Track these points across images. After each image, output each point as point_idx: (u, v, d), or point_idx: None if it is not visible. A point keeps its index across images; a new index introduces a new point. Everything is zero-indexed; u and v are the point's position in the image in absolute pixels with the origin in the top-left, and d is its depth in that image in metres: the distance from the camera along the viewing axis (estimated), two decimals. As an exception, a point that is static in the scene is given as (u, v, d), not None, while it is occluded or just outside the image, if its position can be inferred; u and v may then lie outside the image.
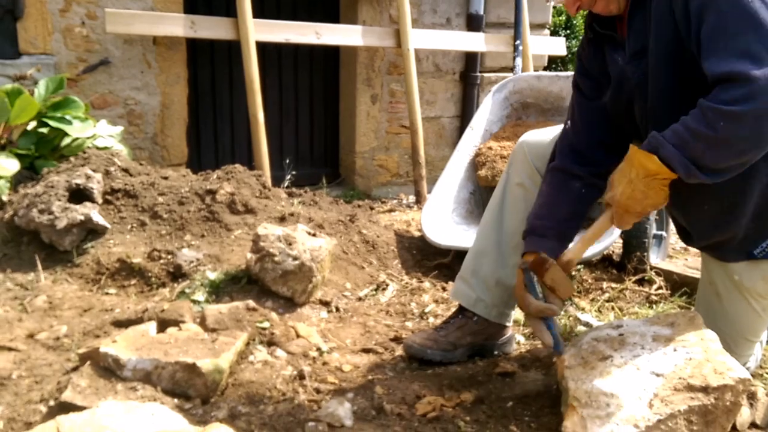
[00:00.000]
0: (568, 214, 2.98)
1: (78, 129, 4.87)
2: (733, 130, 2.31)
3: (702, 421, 2.38)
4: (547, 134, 3.33)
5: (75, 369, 2.95)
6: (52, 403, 2.67)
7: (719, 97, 2.32)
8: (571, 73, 3.24)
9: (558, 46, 7.88)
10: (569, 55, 9.84)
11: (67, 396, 2.62)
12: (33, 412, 2.64)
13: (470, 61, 7.57)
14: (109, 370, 2.80)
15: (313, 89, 7.46)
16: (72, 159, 4.63)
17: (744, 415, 2.71)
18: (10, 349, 3.20)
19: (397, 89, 7.33)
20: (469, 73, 7.58)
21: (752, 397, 2.79)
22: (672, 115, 2.49)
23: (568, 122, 3.13)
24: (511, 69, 7.28)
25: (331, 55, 7.42)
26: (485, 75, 7.67)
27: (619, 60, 2.83)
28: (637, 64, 2.73)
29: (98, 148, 4.90)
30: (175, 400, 2.76)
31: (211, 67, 6.87)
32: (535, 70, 7.33)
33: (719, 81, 2.34)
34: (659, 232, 4.89)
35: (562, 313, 3.99)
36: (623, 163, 2.58)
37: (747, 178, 2.63)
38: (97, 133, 5.02)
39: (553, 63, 9.99)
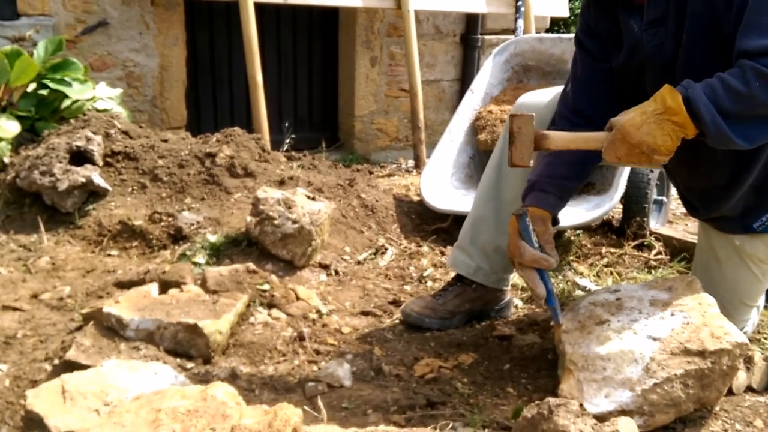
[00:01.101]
0: (569, 172, 2.91)
1: (77, 91, 4.87)
2: (760, 91, 2.27)
3: (698, 384, 2.40)
4: (546, 96, 3.28)
5: (79, 329, 2.97)
6: (56, 361, 2.69)
7: (763, 61, 2.28)
8: (573, 35, 3.18)
9: (560, 8, 7.83)
10: (572, 17, 9.79)
11: (71, 355, 2.65)
12: (38, 371, 2.67)
13: (471, 23, 7.53)
14: (112, 329, 2.83)
15: (312, 52, 7.44)
16: (72, 121, 4.63)
17: (740, 379, 2.73)
18: (14, 308, 3.23)
19: (397, 52, 7.31)
20: (469, 36, 7.54)
21: (749, 361, 2.80)
22: None
23: (569, 85, 3.09)
24: (513, 31, 7.24)
25: (330, 17, 7.38)
26: (486, 37, 7.62)
27: (634, 26, 2.77)
28: (654, 32, 2.68)
29: (98, 111, 4.90)
30: (177, 360, 2.79)
31: (209, 28, 6.85)
32: (537, 32, 7.27)
33: (764, 52, 2.29)
34: (659, 198, 4.90)
35: (560, 277, 4.02)
36: (649, 99, 2.47)
37: (752, 150, 2.63)
38: (96, 95, 5.02)
39: (555, 25, 9.94)
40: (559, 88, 3.19)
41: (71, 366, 2.59)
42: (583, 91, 3.00)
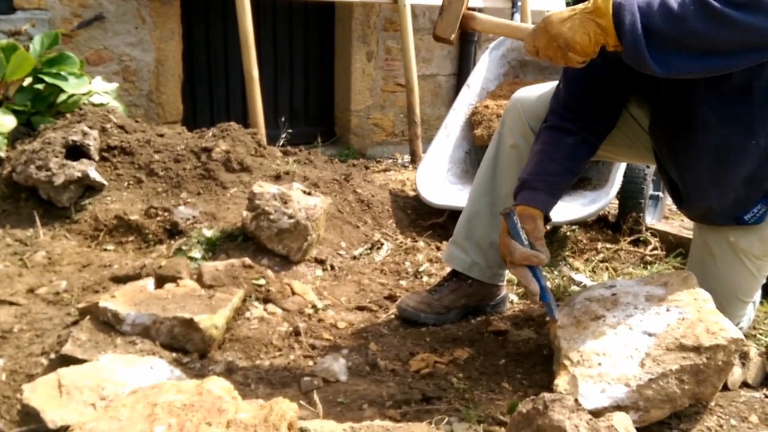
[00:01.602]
0: (559, 169, 2.89)
1: (73, 85, 4.87)
2: (700, 22, 2.21)
3: (693, 380, 2.40)
4: (543, 91, 3.26)
5: (75, 323, 2.97)
6: (53, 356, 2.69)
7: None
8: None
9: (557, 2, 7.81)
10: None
11: (68, 349, 2.66)
12: (34, 365, 2.67)
13: (467, 18, 7.52)
14: (108, 324, 2.83)
15: (308, 47, 7.44)
16: (68, 115, 4.63)
17: (735, 375, 2.74)
18: (11, 303, 3.23)
19: (393, 46, 7.31)
20: (466, 30, 7.53)
21: (744, 356, 2.81)
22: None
23: (560, 81, 3.07)
24: (509, 26, 7.25)
25: (326, 11, 7.38)
26: (483, 32, 7.63)
27: None
28: None
29: (94, 105, 4.90)
30: (174, 354, 2.80)
31: (205, 23, 6.85)
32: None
33: None
34: (656, 193, 4.90)
35: (556, 273, 4.02)
36: None
37: (744, 136, 2.62)
38: (92, 89, 5.02)
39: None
40: (555, 83, 3.18)
41: (67, 360, 2.59)
42: (574, 87, 2.99)
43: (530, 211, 2.80)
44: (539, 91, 3.27)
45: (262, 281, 3.39)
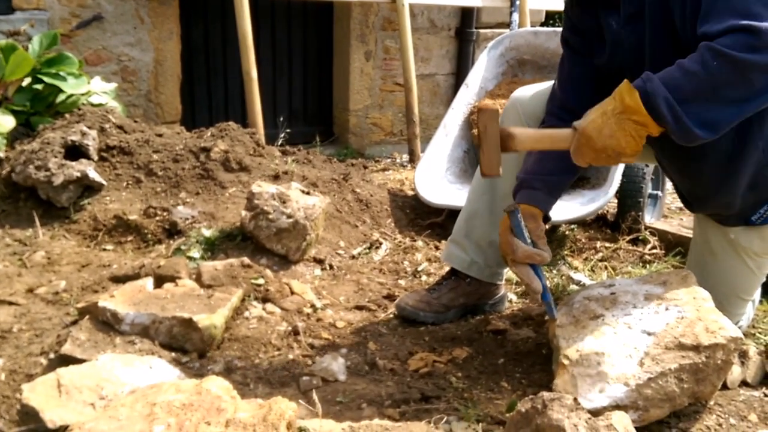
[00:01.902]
0: (558, 168, 2.87)
1: (72, 85, 4.87)
2: (727, 74, 2.23)
3: (693, 379, 2.41)
4: (541, 91, 3.25)
5: (74, 323, 2.98)
6: (52, 355, 2.70)
7: (721, 41, 2.24)
8: None
9: (556, 1, 7.81)
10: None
11: (67, 349, 2.66)
12: (34, 365, 2.68)
13: (466, 16, 7.52)
14: (107, 324, 2.83)
15: (307, 46, 7.43)
16: (67, 116, 4.63)
17: (735, 374, 2.74)
18: (10, 303, 3.24)
19: (392, 46, 7.31)
20: (464, 29, 7.53)
21: (744, 355, 2.81)
22: None
23: (557, 83, 3.08)
24: (508, 25, 7.23)
25: (324, 11, 7.38)
26: (481, 31, 7.62)
27: (613, 24, 2.75)
28: (632, 28, 2.67)
29: (93, 105, 4.90)
30: (173, 354, 2.80)
31: (203, 23, 6.85)
32: (532, 26, 7.27)
33: (723, 33, 2.26)
34: (654, 192, 4.90)
35: (555, 272, 4.02)
36: (610, 96, 2.43)
37: (743, 144, 2.63)
38: (91, 89, 5.02)
39: (551, 18, 9.90)
40: (552, 83, 3.19)
41: (67, 360, 2.60)
42: (570, 88, 3.00)
43: (530, 210, 2.80)
44: (537, 90, 3.26)
45: (260, 281, 3.39)
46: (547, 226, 2.90)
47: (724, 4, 2.31)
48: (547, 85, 3.22)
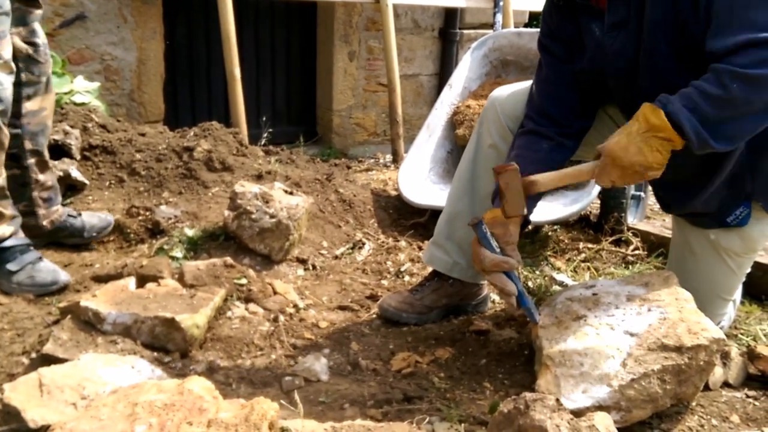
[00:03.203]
0: (535, 172, 2.83)
1: (55, 85, 4.82)
2: (747, 92, 2.30)
3: (675, 380, 2.42)
4: (520, 91, 3.27)
5: (56, 322, 2.97)
6: (34, 355, 2.69)
7: (736, 61, 2.31)
8: None
9: (539, 2, 7.80)
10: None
11: (49, 348, 2.66)
12: (15, 364, 2.67)
13: (450, 17, 7.50)
14: (89, 323, 2.83)
15: (290, 46, 7.42)
16: (50, 115, 4.62)
17: (717, 375, 2.76)
18: (-9, 302, 3.23)
19: (375, 46, 7.29)
20: (448, 30, 7.52)
21: (726, 356, 2.83)
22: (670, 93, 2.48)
23: (534, 87, 3.10)
24: (492, 26, 7.22)
25: (308, 11, 7.36)
26: (465, 32, 7.60)
27: (596, 31, 2.79)
28: (615, 35, 2.70)
29: (76, 104, 4.88)
30: (155, 354, 2.80)
31: (187, 22, 6.82)
32: (515, 27, 7.26)
33: (734, 50, 2.32)
34: (637, 193, 4.90)
35: (537, 272, 4.03)
36: (631, 120, 2.50)
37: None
38: (74, 88, 5.00)
39: (534, 19, 9.86)
40: (531, 83, 3.20)
41: (48, 360, 2.59)
42: (548, 94, 3.02)
43: (502, 217, 2.78)
44: (517, 90, 3.28)
45: (243, 280, 3.39)
46: (529, 227, 2.90)
47: (731, 18, 2.37)
48: (526, 84, 3.24)
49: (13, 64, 3.25)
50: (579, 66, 2.91)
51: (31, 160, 3.71)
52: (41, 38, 3.58)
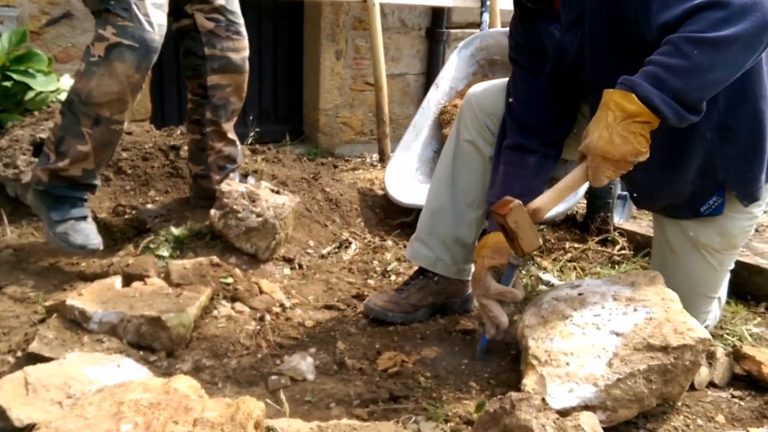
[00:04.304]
0: (525, 189, 2.91)
1: (41, 83, 4.84)
2: (709, 57, 2.28)
3: (661, 380, 2.43)
4: (497, 88, 3.30)
5: (42, 321, 2.97)
6: (19, 354, 2.69)
7: (690, 27, 2.29)
8: None
9: (526, 3, 7.80)
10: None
11: (35, 347, 2.66)
12: (1, 363, 2.67)
13: (437, 16, 7.50)
14: (75, 322, 2.83)
15: (277, 45, 7.40)
16: (36, 113, 4.61)
17: (702, 375, 2.77)
18: (-23, 301, 3.22)
19: (362, 45, 7.29)
20: (435, 29, 7.51)
21: (711, 356, 2.84)
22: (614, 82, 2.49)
23: (510, 99, 3.13)
24: (478, 25, 7.22)
25: (295, 9, 7.34)
26: (452, 31, 7.60)
27: (555, 33, 2.82)
28: (574, 34, 2.73)
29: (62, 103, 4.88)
30: (141, 353, 2.80)
31: (174, 20, 6.81)
32: (502, 27, 7.25)
33: (686, 17, 2.32)
34: (623, 193, 4.91)
35: (524, 272, 4.03)
36: (598, 111, 2.47)
37: (689, 135, 2.68)
38: (60, 87, 4.98)
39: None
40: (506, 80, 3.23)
41: (34, 358, 2.59)
42: (526, 106, 3.06)
43: (501, 238, 2.80)
44: (492, 86, 3.33)
45: (229, 279, 3.38)
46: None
47: None
48: (501, 81, 3.28)
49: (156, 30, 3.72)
50: (548, 71, 2.94)
51: (209, 129, 4.12)
52: (227, 16, 4.00)
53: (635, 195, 3.16)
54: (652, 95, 2.32)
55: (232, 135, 4.19)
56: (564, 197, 2.69)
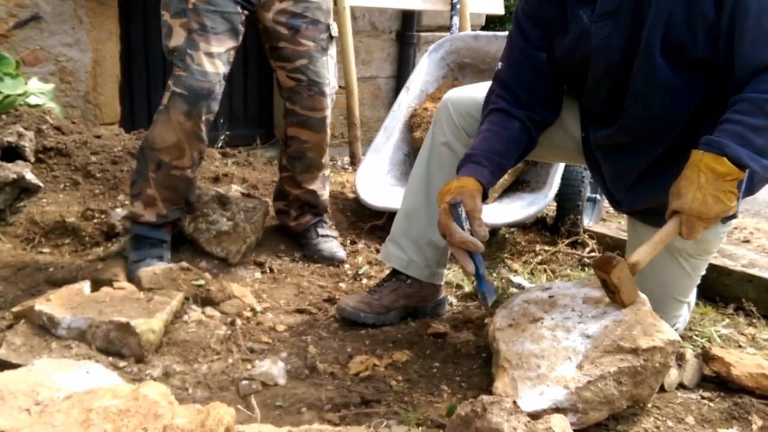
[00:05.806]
0: (504, 149, 2.93)
1: (9, 86, 4.80)
2: None
3: (631, 381, 2.44)
4: (473, 92, 3.30)
5: (9, 327, 2.94)
6: (-14, 361, 2.67)
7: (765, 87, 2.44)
8: (508, 33, 3.19)
9: (496, 5, 7.80)
10: (507, 15, 9.76)
11: (2, 354, 2.63)
12: (-33, 370, 2.64)
13: (407, 19, 7.51)
14: (43, 328, 2.80)
15: (247, 48, 7.39)
16: (3, 117, 4.57)
17: (672, 376, 2.78)
18: (-57, 306, 3.19)
19: (333, 49, 7.29)
20: (405, 32, 7.52)
21: (681, 358, 2.85)
22: (661, 96, 2.59)
23: (500, 64, 3.12)
24: (449, 28, 7.22)
25: (266, 13, 7.34)
26: (422, 34, 7.61)
27: (584, 17, 2.78)
28: (604, 24, 2.71)
29: (30, 106, 4.84)
30: (110, 359, 2.78)
31: (143, 23, 6.78)
32: (472, 30, 7.27)
33: (762, 69, 2.45)
34: (593, 196, 4.93)
35: (495, 275, 4.04)
36: (687, 170, 2.53)
37: (687, 149, 2.66)
38: (28, 90, 4.95)
39: (491, 23, 9.91)
40: (486, 84, 3.21)
41: (1, 365, 2.57)
42: (518, 79, 3.04)
43: (473, 186, 2.80)
44: (470, 90, 3.33)
45: (200, 282, 3.37)
46: (486, 202, 2.92)
47: (762, 28, 2.48)
48: (479, 86, 3.30)
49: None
50: (558, 51, 2.92)
51: (284, 174, 4.23)
52: (309, 75, 4.02)
53: (618, 199, 3.14)
54: (741, 155, 2.42)
55: (309, 185, 4.20)
56: (658, 251, 2.70)
